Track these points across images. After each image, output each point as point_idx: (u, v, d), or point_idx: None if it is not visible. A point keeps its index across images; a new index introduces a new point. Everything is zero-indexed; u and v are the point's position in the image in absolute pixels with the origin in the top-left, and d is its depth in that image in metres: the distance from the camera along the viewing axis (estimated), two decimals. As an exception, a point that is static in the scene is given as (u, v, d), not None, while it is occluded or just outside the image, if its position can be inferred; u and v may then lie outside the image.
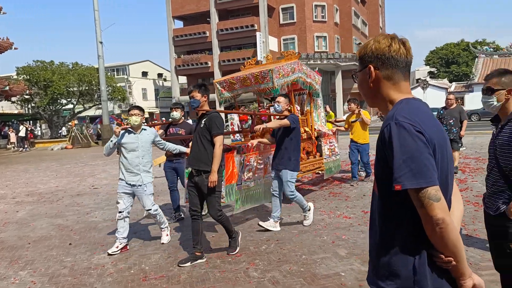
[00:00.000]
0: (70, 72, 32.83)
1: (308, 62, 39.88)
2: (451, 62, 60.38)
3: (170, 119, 6.08)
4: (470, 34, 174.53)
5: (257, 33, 38.24)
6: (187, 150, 5.00)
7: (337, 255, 4.17)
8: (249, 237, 4.95)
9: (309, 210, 5.31)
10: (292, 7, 41.15)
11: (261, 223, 5.17)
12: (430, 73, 57.71)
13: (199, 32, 41.96)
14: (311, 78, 6.95)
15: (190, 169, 4.36)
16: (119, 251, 4.66)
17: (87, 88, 33.97)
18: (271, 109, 6.85)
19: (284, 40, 42.09)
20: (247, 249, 4.53)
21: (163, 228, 4.99)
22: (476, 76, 38.96)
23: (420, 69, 67.68)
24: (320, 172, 7.82)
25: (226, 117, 9.04)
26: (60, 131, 35.44)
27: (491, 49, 44.25)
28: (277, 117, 5.50)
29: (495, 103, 2.48)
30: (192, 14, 43.53)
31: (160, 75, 59.87)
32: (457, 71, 58.40)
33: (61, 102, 34.14)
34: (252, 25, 38.97)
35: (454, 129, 8.08)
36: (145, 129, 4.80)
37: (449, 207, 1.43)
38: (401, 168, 1.27)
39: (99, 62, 25.77)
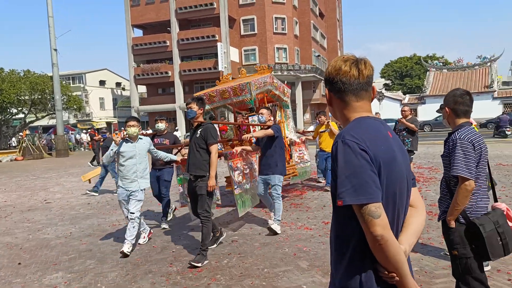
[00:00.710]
0: (22, 80, 31.29)
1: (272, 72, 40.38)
2: (405, 75, 63.21)
3: (154, 130, 6.50)
4: (421, 49, 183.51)
5: (218, 44, 38.30)
6: (178, 158, 5.56)
7: (299, 268, 4.18)
8: (210, 251, 4.87)
9: (279, 220, 5.55)
10: (253, 18, 41.61)
11: (273, 227, 5.43)
12: (385, 85, 60.03)
13: (159, 41, 41.44)
14: (279, 90, 7.39)
15: (181, 176, 5.04)
16: (147, 239, 5.33)
17: (39, 96, 32.51)
18: (250, 119, 7.32)
19: (245, 51, 42.41)
20: (209, 263, 4.45)
21: (127, 240, 4.91)
22: (428, 88, 40.99)
23: (376, 81, 70.23)
24: (289, 178, 8.02)
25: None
26: (9, 142, 33.64)
27: (441, 64, 46.78)
28: (258, 128, 5.96)
29: (441, 118, 2.85)
30: (152, 23, 42.96)
31: (118, 84, 58.43)
32: (410, 84, 61.18)
33: (11, 111, 32.47)
34: (213, 36, 39.00)
35: (407, 140, 8.38)
36: (141, 138, 5.16)
37: (403, 221, 1.47)
38: (343, 184, 1.32)
39: (54, 70, 24.81)
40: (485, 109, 35.85)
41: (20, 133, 30.98)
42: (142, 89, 48.37)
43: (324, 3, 54.71)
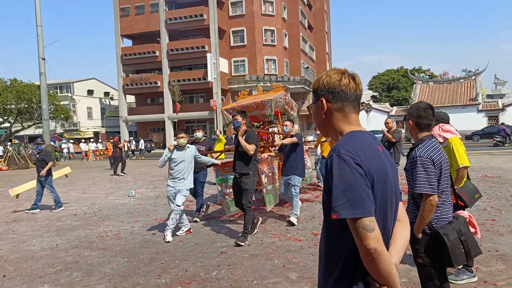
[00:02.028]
0: (8, 89, 30.97)
1: (258, 84, 40.58)
2: (392, 87, 64.05)
3: (192, 138, 7.69)
4: (408, 62, 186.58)
5: (208, 54, 38.43)
6: (218, 162, 6.76)
7: (288, 279, 4.17)
8: (199, 263, 4.84)
9: (296, 214, 6.56)
10: (243, 30, 41.92)
11: (291, 219, 6.50)
12: (373, 97, 60.69)
13: (148, 52, 41.42)
14: (289, 106, 8.47)
15: (220, 177, 6.67)
16: (184, 233, 6.22)
17: (26, 106, 32.17)
18: (270, 129, 8.41)
19: (234, 62, 42.61)
20: (198, 275, 4.42)
21: (168, 227, 5.99)
22: (415, 100, 41.53)
23: (364, 93, 71.09)
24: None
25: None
26: (-6, 151, 33.07)
27: (427, 76, 47.60)
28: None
29: (405, 130, 2.88)
30: (141, 33, 42.98)
31: (107, 93, 58.10)
32: (397, 96, 61.98)
33: (-4, 120, 32.03)
34: (203, 46, 39.13)
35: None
36: (189, 147, 6.27)
37: (391, 234, 1.50)
38: (338, 198, 1.33)
39: (41, 79, 24.56)
40: (470, 121, 36.50)
41: (8, 142, 30.50)
42: (131, 99, 48.15)
43: (313, 16, 55.46)
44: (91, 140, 34.05)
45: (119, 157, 16.34)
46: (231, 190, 6.52)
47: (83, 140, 35.07)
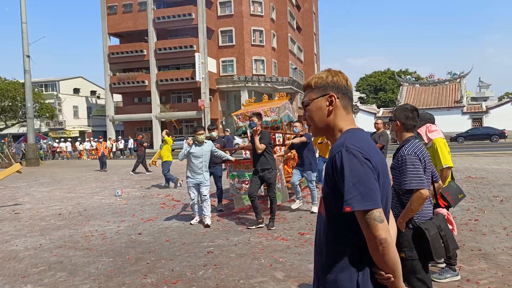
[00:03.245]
0: (-9, 87, 30.41)
1: (247, 85, 40.60)
2: (379, 89, 64.70)
3: (208, 137, 7.91)
4: (395, 64, 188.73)
5: (196, 54, 38.31)
6: (232, 158, 7.43)
7: (275, 279, 4.18)
8: (185, 263, 4.82)
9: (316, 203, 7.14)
10: (231, 30, 41.90)
11: (293, 206, 7.64)
12: (360, 98, 61.25)
13: (136, 50, 41.10)
14: (291, 112, 9.10)
15: (234, 173, 7.40)
16: (197, 222, 6.82)
17: (10, 104, 31.62)
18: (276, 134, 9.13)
19: (223, 62, 42.56)
20: (184, 275, 4.40)
21: (206, 214, 6.67)
22: (401, 102, 42.01)
23: (351, 95, 71.63)
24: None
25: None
26: (-23, 150, 32.41)
27: (413, 79, 48.19)
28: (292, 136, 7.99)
29: (390, 130, 3.06)
30: (129, 32, 42.63)
31: (93, 92, 57.47)
32: (384, 98, 62.64)
33: (-21, 118, 31.42)
34: (191, 46, 39.00)
35: None
36: (206, 142, 6.79)
37: None
38: (350, 191, 1.38)
39: (26, 77, 24.18)
40: (455, 123, 37.06)
41: (1, 141, 29.90)
42: (118, 98, 47.71)
43: (301, 17, 55.71)
44: (92, 139, 33.53)
45: (143, 155, 16.01)
46: (243, 185, 7.20)
47: (56, 140, 34.64)
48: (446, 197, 3.88)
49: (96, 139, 19.96)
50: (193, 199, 6.83)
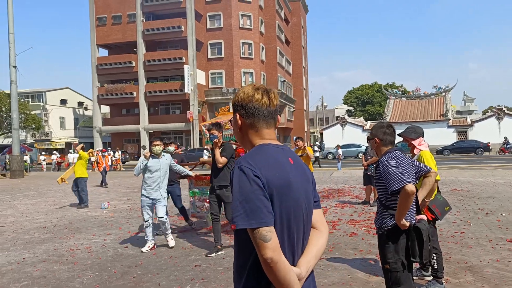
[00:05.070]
0: (-23, 97, 29.96)
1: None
2: (367, 102, 65.50)
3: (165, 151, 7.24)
4: (381, 77, 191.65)
5: (185, 66, 38.38)
6: (192, 174, 6.82)
7: (263, 292, 4.14)
8: (172, 277, 4.76)
9: None
10: (220, 43, 42.15)
11: None
12: (348, 111, 61.92)
13: (124, 62, 41.00)
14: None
15: (194, 190, 6.70)
16: (149, 249, 5.94)
17: (-5, 114, 31.15)
18: None
19: (212, 74, 42.69)
20: (171, 289, 4.34)
21: (167, 234, 6.14)
22: (388, 115, 42.61)
23: (339, 107, 72.40)
24: None
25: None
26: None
27: (400, 92, 48.95)
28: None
29: (370, 148, 3.08)
30: (118, 43, 42.56)
31: (81, 103, 56.98)
32: (371, 110, 63.41)
33: (-38, 129, 30.86)
34: (180, 58, 39.08)
35: (371, 166, 8.79)
36: (164, 155, 6.19)
37: (304, 243, 1.53)
38: (237, 209, 1.38)
39: (12, 87, 23.90)
40: (440, 136, 37.64)
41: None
42: (106, 109, 47.36)
43: (290, 30, 56.37)
44: (94, 150, 32.96)
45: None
46: (204, 203, 6.46)
47: (43, 152, 34.00)
48: (433, 210, 3.94)
49: (98, 151, 18.75)
50: (146, 220, 5.98)
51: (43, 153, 36.17)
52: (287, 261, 1.41)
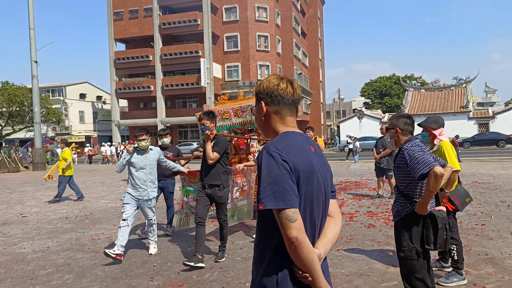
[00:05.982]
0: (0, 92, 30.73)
1: (252, 90, 40.68)
2: (384, 94, 64.57)
3: (160, 144, 6.80)
4: (400, 69, 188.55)
5: (201, 59, 38.52)
6: (185, 170, 5.88)
7: (281, 282, 4.18)
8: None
9: None
10: (236, 36, 42.11)
11: None
12: (365, 103, 61.19)
13: (142, 56, 41.41)
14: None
15: (187, 188, 5.60)
16: (114, 256, 4.89)
17: (18, 109, 31.92)
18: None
19: (228, 67, 42.74)
20: (190, 278, 4.42)
21: (151, 240, 5.44)
22: (406, 107, 41.96)
23: (356, 100, 71.57)
24: None
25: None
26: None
27: (419, 84, 48.11)
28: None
29: (388, 138, 3.28)
30: (135, 38, 42.97)
31: (99, 97, 57.84)
32: (389, 103, 62.49)
33: (-13, 123, 31.74)
34: (197, 51, 39.23)
35: (384, 159, 8.70)
36: (151, 149, 5.44)
37: (321, 228, 1.60)
38: (265, 191, 1.45)
39: (33, 82, 24.42)
40: (461, 128, 36.88)
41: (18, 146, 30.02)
42: (124, 103, 48.02)
43: (306, 22, 55.86)
44: (120, 143, 33.35)
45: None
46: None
47: (108, 143, 34.48)
48: (454, 200, 3.90)
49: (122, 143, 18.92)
50: (124, 219, 5.13)
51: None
52: None
